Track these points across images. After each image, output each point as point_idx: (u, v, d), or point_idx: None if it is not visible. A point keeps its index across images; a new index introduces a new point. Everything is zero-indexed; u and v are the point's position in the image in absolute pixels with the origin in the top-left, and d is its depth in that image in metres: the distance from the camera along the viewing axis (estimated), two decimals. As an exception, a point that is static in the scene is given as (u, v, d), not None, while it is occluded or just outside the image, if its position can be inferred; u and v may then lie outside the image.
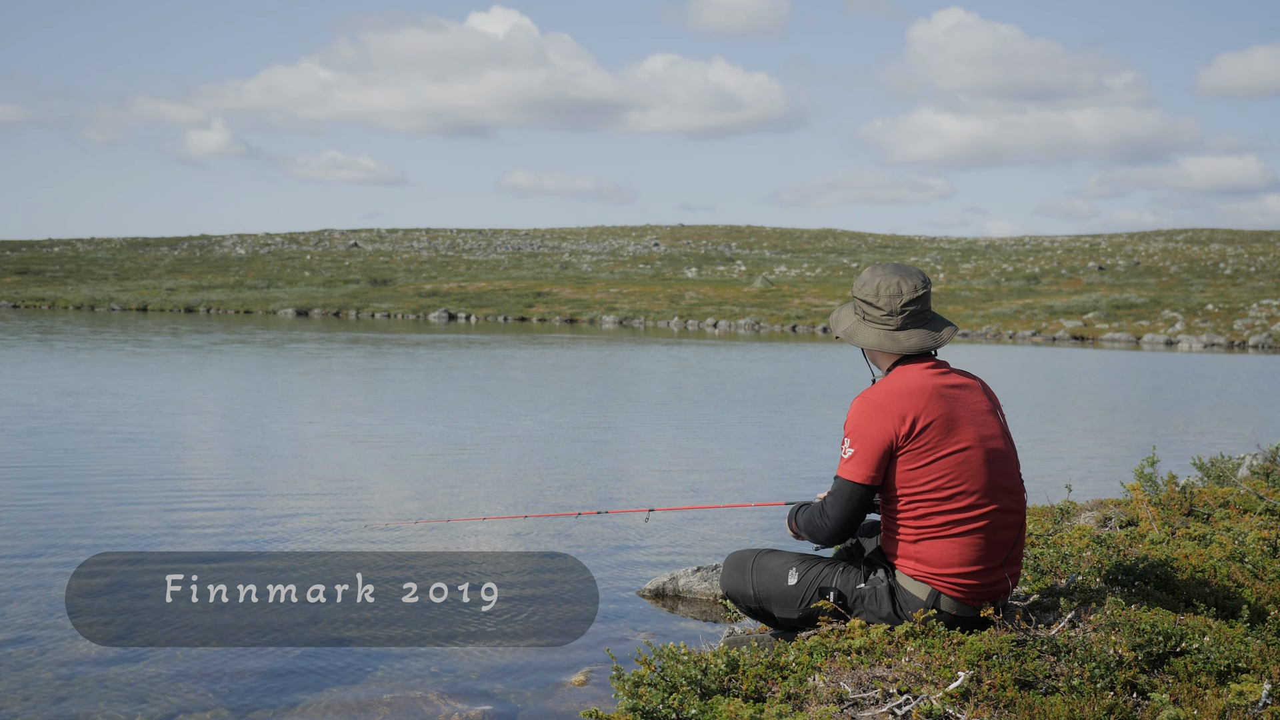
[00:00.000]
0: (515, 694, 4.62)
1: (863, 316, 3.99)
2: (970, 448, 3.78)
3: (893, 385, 3.83)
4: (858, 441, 3.78)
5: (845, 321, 4.05)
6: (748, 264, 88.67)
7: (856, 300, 4.03)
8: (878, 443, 3.75)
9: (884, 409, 3.76)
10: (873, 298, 3.94)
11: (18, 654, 4.96)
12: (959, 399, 3.84)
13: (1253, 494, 6.39)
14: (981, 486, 3.79)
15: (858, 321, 4.01)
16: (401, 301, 66.25)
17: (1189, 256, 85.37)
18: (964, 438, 3.78)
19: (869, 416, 3.77)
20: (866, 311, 3.97)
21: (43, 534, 7.31)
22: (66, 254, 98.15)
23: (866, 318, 3.98)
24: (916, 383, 3.81)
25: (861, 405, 3.81)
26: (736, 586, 4.18)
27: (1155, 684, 3.45)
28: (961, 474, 3.76)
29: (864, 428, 3.77)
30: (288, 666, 4.88)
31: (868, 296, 3.96)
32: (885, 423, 3.74)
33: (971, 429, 3.81)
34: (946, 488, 3.75)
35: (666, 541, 7.68)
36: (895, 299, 3.91)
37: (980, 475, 3.79)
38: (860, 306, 4.00)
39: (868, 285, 3.97)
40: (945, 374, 3.89)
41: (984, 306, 61.44)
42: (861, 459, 3.77)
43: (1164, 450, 11.86)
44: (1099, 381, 26.55)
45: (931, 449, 3.74)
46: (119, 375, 20.71)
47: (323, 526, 7.87)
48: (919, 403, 3.75)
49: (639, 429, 14.62)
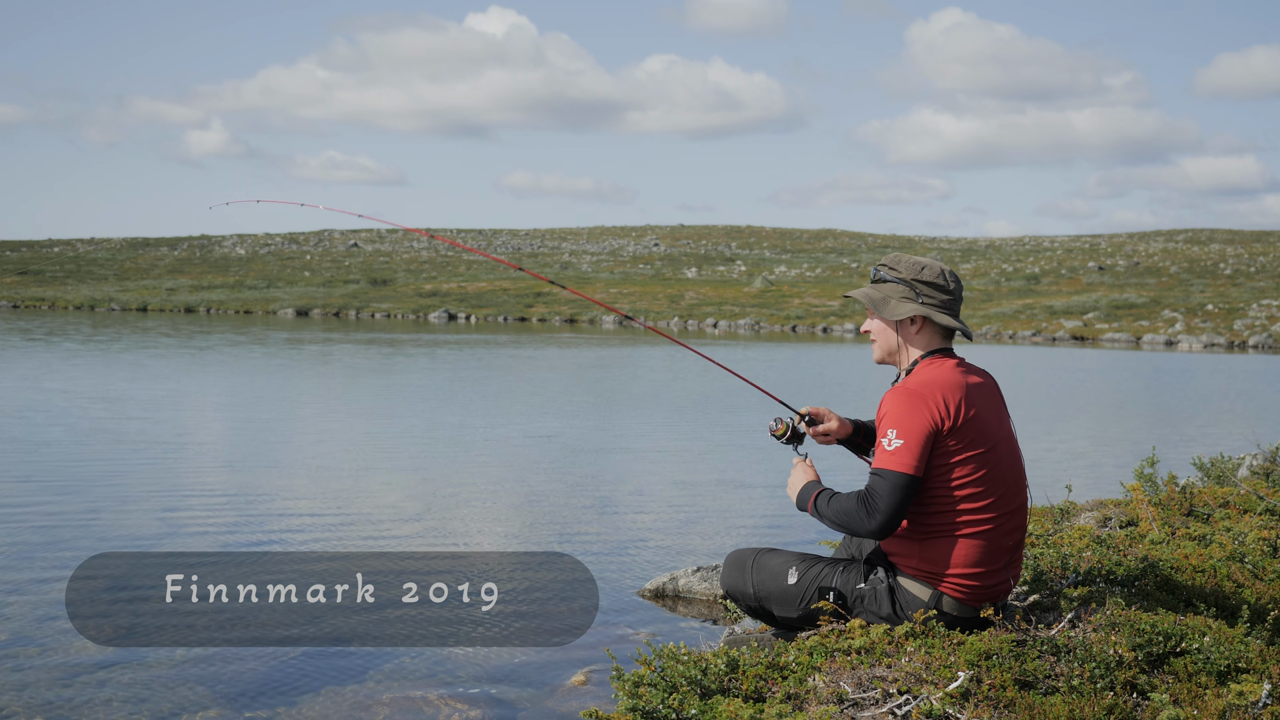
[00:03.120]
0: (515, 694, 4.62)
1: (919, 300, 3.87)
2: (994, 447, 3.77)
3: (931, 377, 3.77)
4: (905, 432, 3.67)
5: (909, 303, 3.87)
6: (748, 264, 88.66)
7: (913, 282, 3.87)
8: (924, 432, 3.67)
9: (927, 399, 3.69)
10: (939, 280, 3.86)
11: (18, 654, 4.96)
12: (985, 397, 3.82)
13: (1253, 494, 6.39)
14: (999, 487, 3.77)
15: (918, 303, 3.87)
16: (401, 302, 66.23)
17: (1189, 256, 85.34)
18: (989, 437, 3.76)
19: (915, 407, 3.69)
20: (928, 295, 3.86)
21: (43, 534, 7.30)
22: (66, 254, 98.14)
23: (926, 301, 3.87)
24: (953, 377, 3.77)
25: (904, 396, 3.73)
26: (736, 585, 4.17)
27: (1155, 684, 3.45)
28: (983, 473, 3.74)
29: (910, 418, 3.68)
30: (288, 666, 4.88)
31: (933, 279, 3.86)
32: (930, 413, 3.68)
33: (995, 428, 3.80)
34: (968, 486, 3.73)
35: (666, 541, 7.68)
36: (959, 286, 3.89)
37: (999, 476, 3.77)
38: (920, 289, 3.86)
39: (929, 269, 3.88)
40: (969, 371, 3.86)
41: (984, 306, 61.42)
42: (910, 449, 3.66)
43: (1164, 450, 11.85)
44: (1099, 382, 26.55)
45: (962, 446, 3.70)
46: (119, 375, 20.70)
47: (323, 526, 7.87)
48: (957, 396, 3.72)
49: (641, 429, 14.62)
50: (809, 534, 7.56)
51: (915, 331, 3.90)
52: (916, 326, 3.89)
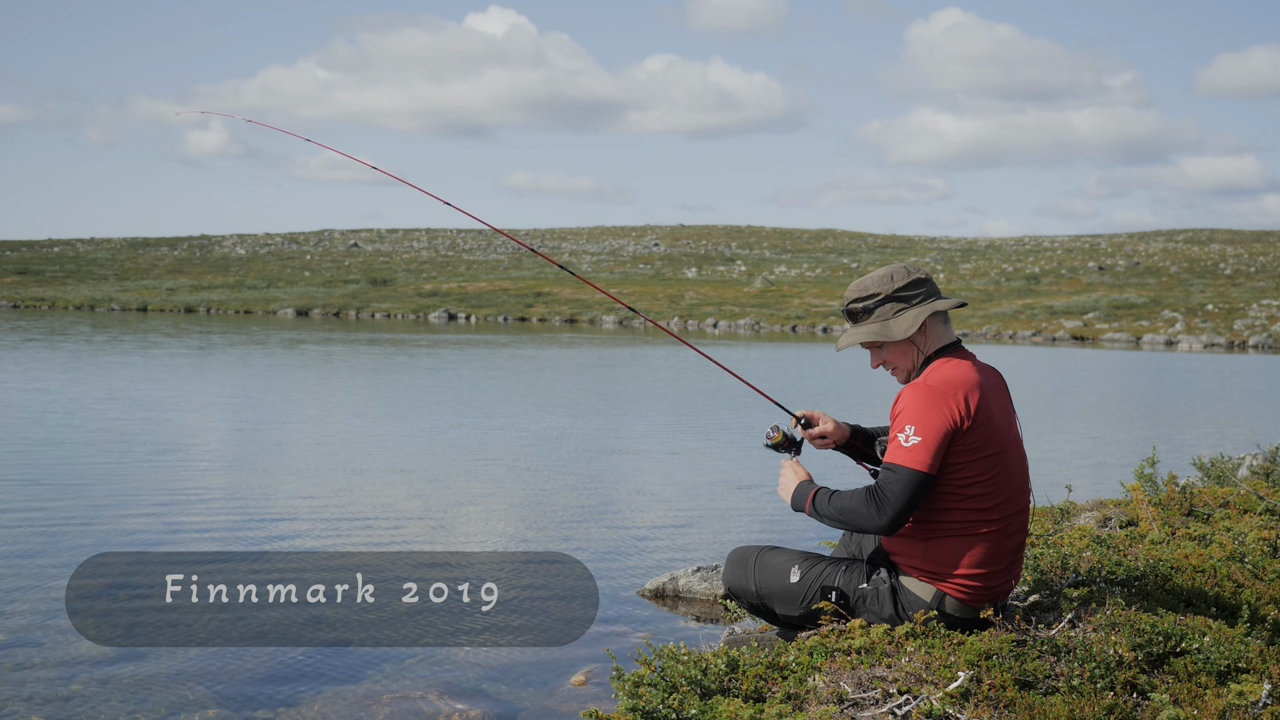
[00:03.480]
0: (515, 694, 4.62)
1: (914, 304, 3.84)
2: (1006, 447, 3.76)
3: (949, 374, 3.74)
4: (924, 429, 3.64)
5: (909, 313, 3.83)
6: (748, 264, 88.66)
7: (895, 295, 3.84)
8: (942, 429, 3.64)
9: (946, 396, 3.67)
10: (914, 278, 3.85)
11: (18, 654, 4.96)
12: (997, 396, 3.82)
13: (1253, 494, 6.39)
14: (1007, 487, 3.77)
15: (912, 307, 3.84)
16: (401, 301, 66.24)
17: (1189, 256, 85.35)
18: (1001, 436, 3.75)
19: (933, 404, 3.66)
20: (915, 295, 3.84)
21: (43, 534, 7.30)
22: (66, 254, 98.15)
23: (914, 302, 3.84)
24: (969, 375, 3.74)
25: (922, 392, 3.69)
26: (739, 582, 4.17)
27: (1155, 684, 3.45)
28: (994, 474, 3.73)
29: (929, 415, 3.65)
30: (288, 666, 4.88)
31: (906, 280, 3.84)
32: (949, 411, 3.65)
33: (1005, 427, 3.79)
34: (976, 487, 3.71)
35: (666, 541, 7.68)
36: (918, 272, 3.88)
37: (1008, 476, 3.77)
38: (906, 296, 3.84)
39: (896, 275, 3.86)
40: (980, 370, 3.83)
41: (984, 306, 61.42)
42: (927, 446, 3.64)
43: (1164, 450, 11.85)
44: (1099, 382, 26.55)
45: (977, 446, 3.69)
46: (119, 375, 20.70)
47: (323, 526, 7.87)
48: (976, 395, 3.70)
49: (641, 429, 14.62)
50: (809, 534, 7.56)
51: (924, 334, 3.88)
52: (923, 329, 3.88)
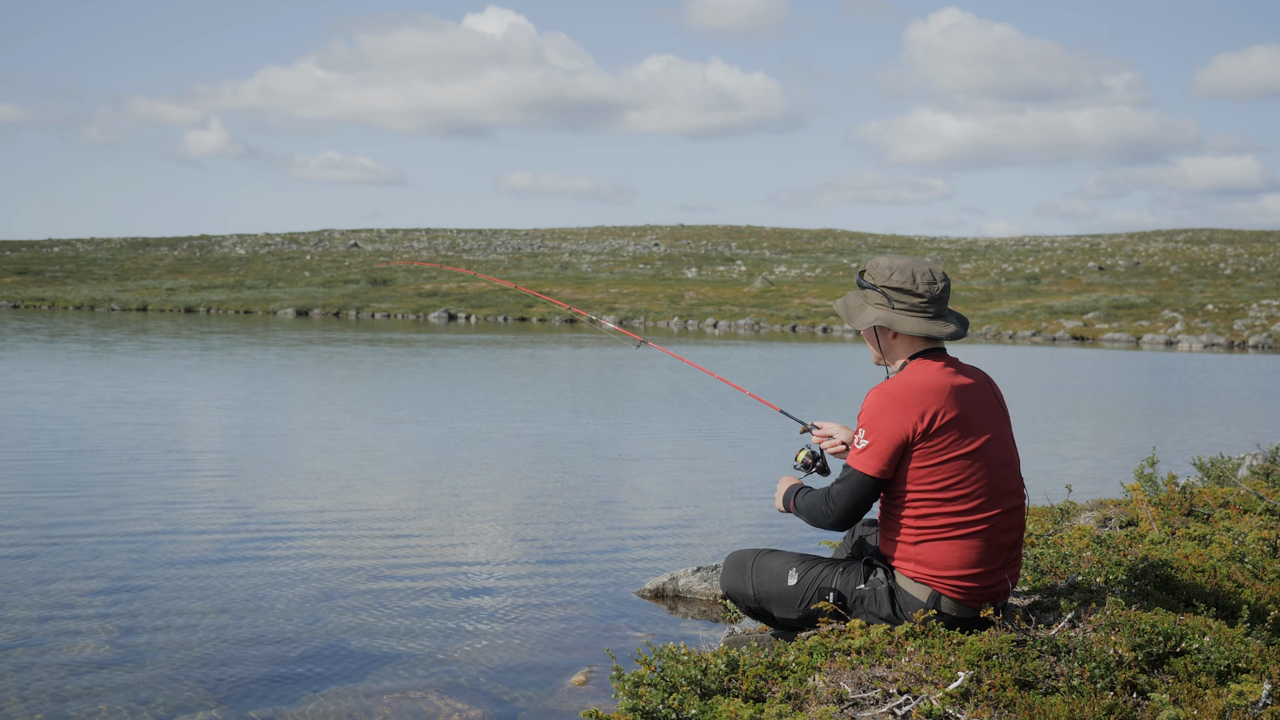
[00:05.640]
0: (515, 694, 4.63)
1: (892, 306, 3.86)
2: (981, 450, 3.76)
3: (912, 380, 3.75)
4: (874, 434, 3.72)
5: (874, 310, 3.88)
6: (748, 264, 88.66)
7: (883, 289, 3.87)
8: (894, 437, 3.70)
9: (903, 403, 3.70)
10: (909, 285, 3.83)
11: (18, 654, 4.96)
12: (973, 399, 3.81)
13: (1253, 494, 6.39)
14: (988, 489, 3.77)
15: (889, 310, 3.86)
16: (401, 301, 66.23)
17: (1189, 256, 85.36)
18: (976, 439, 3.75)
19: (887, 410, 3.71)
20: (899, 300, 3.84)
21: (43, 534, 7.31)
22: (66, 254, 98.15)
23: (899, 306, 3.85)
24: (936, 380, 3.75)
25: (880, 398, 3.74)
26: (736, 586, 4.17)
27: (1155, 684, 3.45)
28: (970, 476, 3.73)
29: (881, 421, 3.71)
30: (288, 666, 4.89)
31: (902, 284, 3.83)
32: (904, 418, 3.69)
33: (983, 430, 3.79)
34: (954, 489, 3.73)
35: (666, 541, 7.68)
36: (932, 286, 3.83)
37: (987, 478, 3.77)
38: (890, 295, 3.85)
39: (899, 273, 3.85)
40: (958, 372, 3.84)
41: (984, 306, 61.42)
42: (876, 451, 3.71)
43: (1164, 450, 11.86)
44: (1099, 381, 26.55)
45: (944, 449, 3.70)
46: (120, 376, 20.71)
47: (323, 527, 7.87)
48: (938, 401, 3.70)
49: (641, 429, 14.62)
50: (809, 535, 7.56)
51: (892, 337, 3.90)
52: (892, 332, 3.89)
